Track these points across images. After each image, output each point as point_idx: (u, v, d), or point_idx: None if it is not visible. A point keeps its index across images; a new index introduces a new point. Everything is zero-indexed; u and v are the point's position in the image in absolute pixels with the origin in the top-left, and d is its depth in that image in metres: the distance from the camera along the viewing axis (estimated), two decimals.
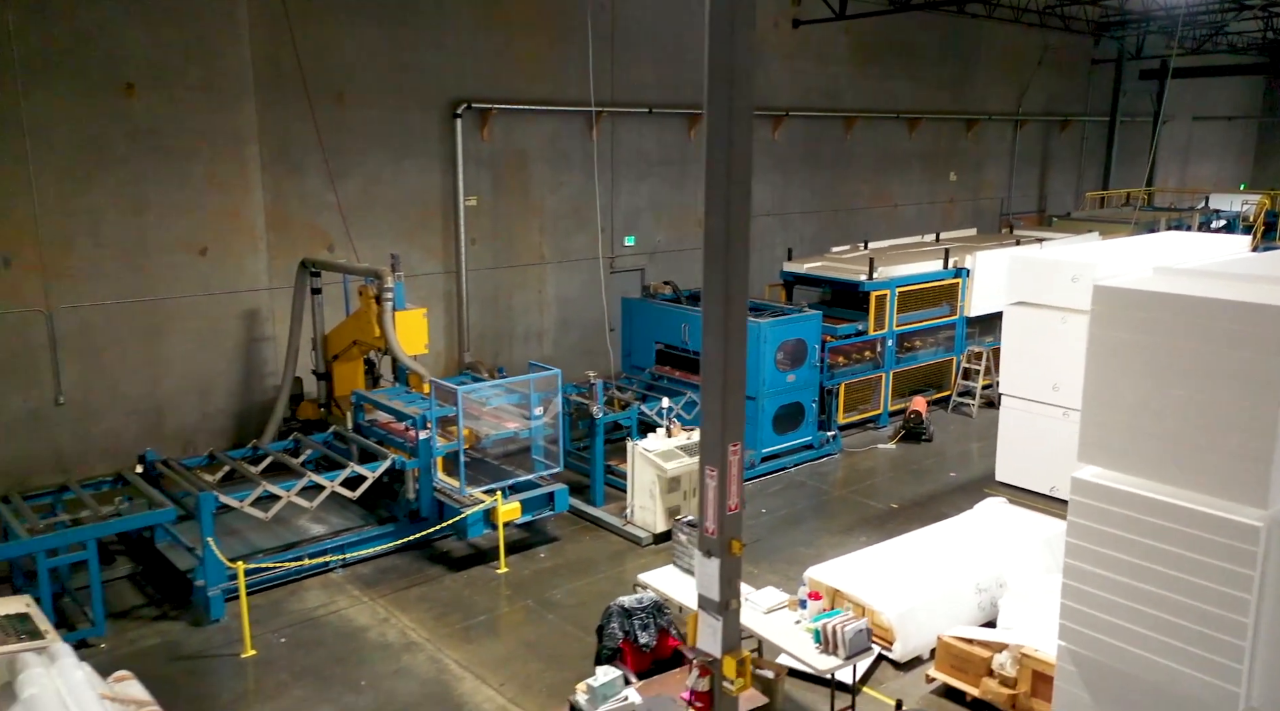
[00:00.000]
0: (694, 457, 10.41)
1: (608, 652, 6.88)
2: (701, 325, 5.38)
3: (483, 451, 10.56)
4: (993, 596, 8.36)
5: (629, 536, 10.45)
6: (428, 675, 7.81)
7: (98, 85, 11.60)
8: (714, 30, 5.05)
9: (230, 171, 12.86)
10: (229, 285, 13.05)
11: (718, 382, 5.18)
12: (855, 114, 21.09)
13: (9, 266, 11.28)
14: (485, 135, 15.20)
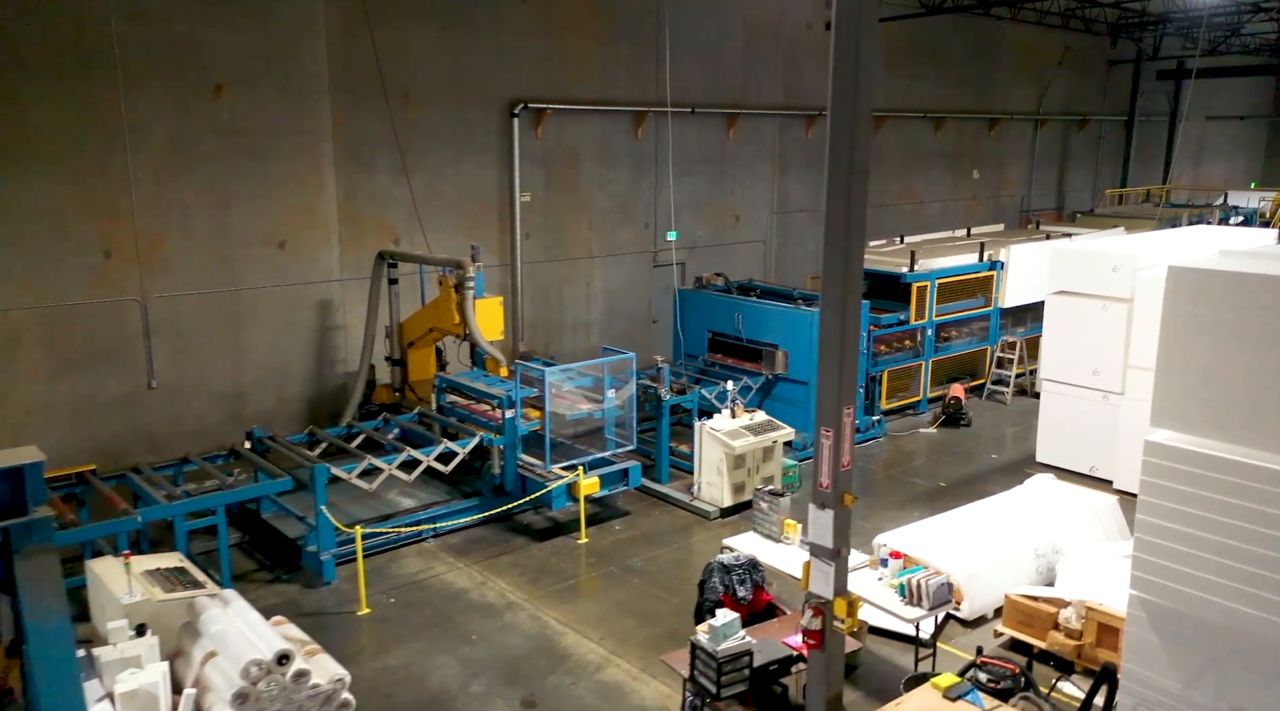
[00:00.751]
0: (758, 436, 11.09)
1: (709, 605, 7.54)
2: (820, 301, 6.03)
3: (555, 431, 11.23)
4: (1049, 562, 9.02)
5: (697, 510, 11.13)
6: (531, 630, 8.49)
7: (189, 87, 12.28)
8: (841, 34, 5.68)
9: (306, 168, 13.54)
10: (304, 276, 13.74)
11: (835, 353, 5.85)
12: (884, 114, 21.74)
13: (109, 258, 11.98)
14: (539, 134, 15.87)
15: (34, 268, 11.48)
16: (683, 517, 11.10)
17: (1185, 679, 6.33)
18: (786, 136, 20.16)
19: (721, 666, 6.24)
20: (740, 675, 6.35)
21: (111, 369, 12.18)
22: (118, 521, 8.10)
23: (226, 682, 5.97)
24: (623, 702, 7.41)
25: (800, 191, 20.73)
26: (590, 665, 7.94)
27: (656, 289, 18.67)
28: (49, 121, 11.31)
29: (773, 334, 13.14)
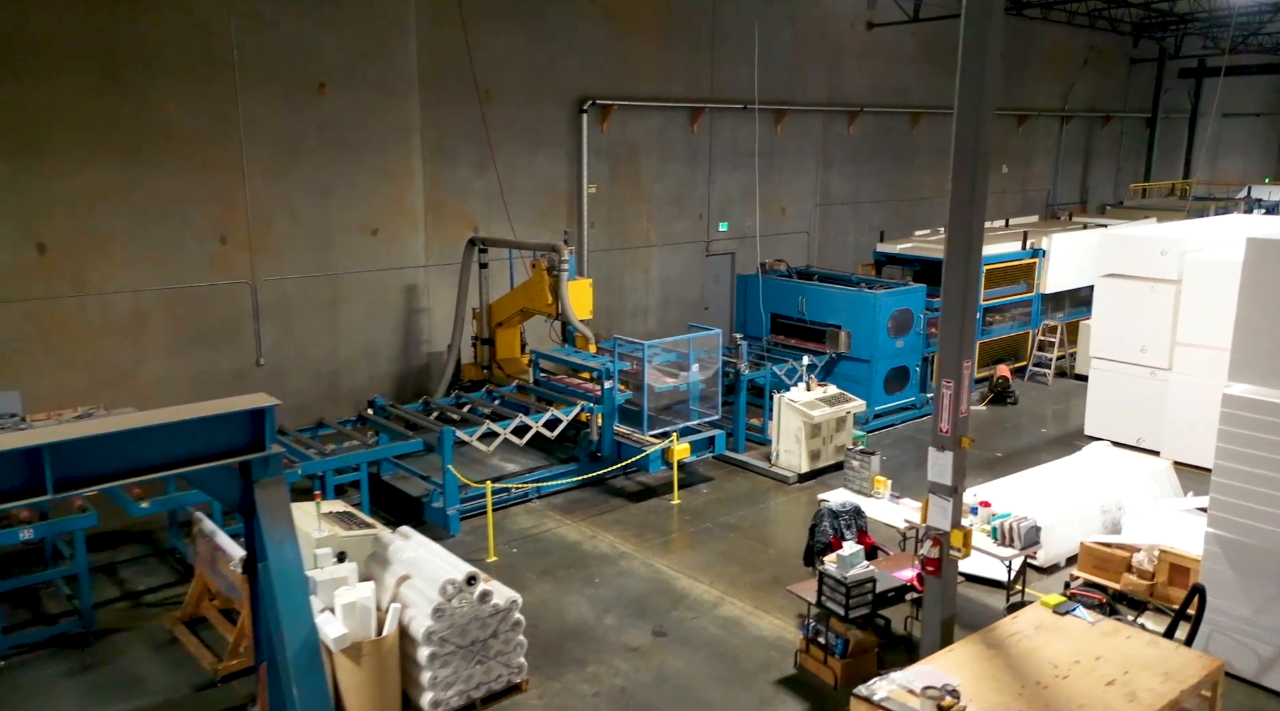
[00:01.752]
0: (833, 407, 11.97)
1: (819, 546, 8.43)
2: (944, 268, 6.90)
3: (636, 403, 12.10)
4: (1114, 517, 9.88)
5: (776, 476, 12.01)
6: (647, 575, 9.38)
7: (295, 86, 13.18)
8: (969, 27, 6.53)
9: (397, 161, 14.43)
10: (394, 262, 14.64)
11: (957, 313, 6.73)
12: (920, 110, 22.61)
13: (225, 244, 12.88)
14: (605, 129, 16.76)
15: (161, 252, 12.39)
16: (762, 483, 11.98)
17: (1256, 606, 7.21)
18: (830, 132, 21.03)
19: (850, 590, 7.12)
20: (864, 599, 7.23)
21: (225, 346, 13.08)
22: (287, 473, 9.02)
23: (424, 599, 6.86)
24: (743, 633, 8.30)
25: (841, 185, 21.60)
26: (707, 603, 8.83)
27: (708, 277, 19.55)
28: (177, 118, 12.22)
29: (836, 315, 14.01)
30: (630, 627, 8.35)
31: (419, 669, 6.87)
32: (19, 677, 7.47)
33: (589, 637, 8.18)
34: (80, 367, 11.85)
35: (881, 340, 13.70)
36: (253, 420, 6.43)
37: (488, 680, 7.17)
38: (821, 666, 7.51)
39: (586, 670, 7.70)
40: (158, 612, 8.49)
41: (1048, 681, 5.72)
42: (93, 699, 7.24)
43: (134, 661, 7.74)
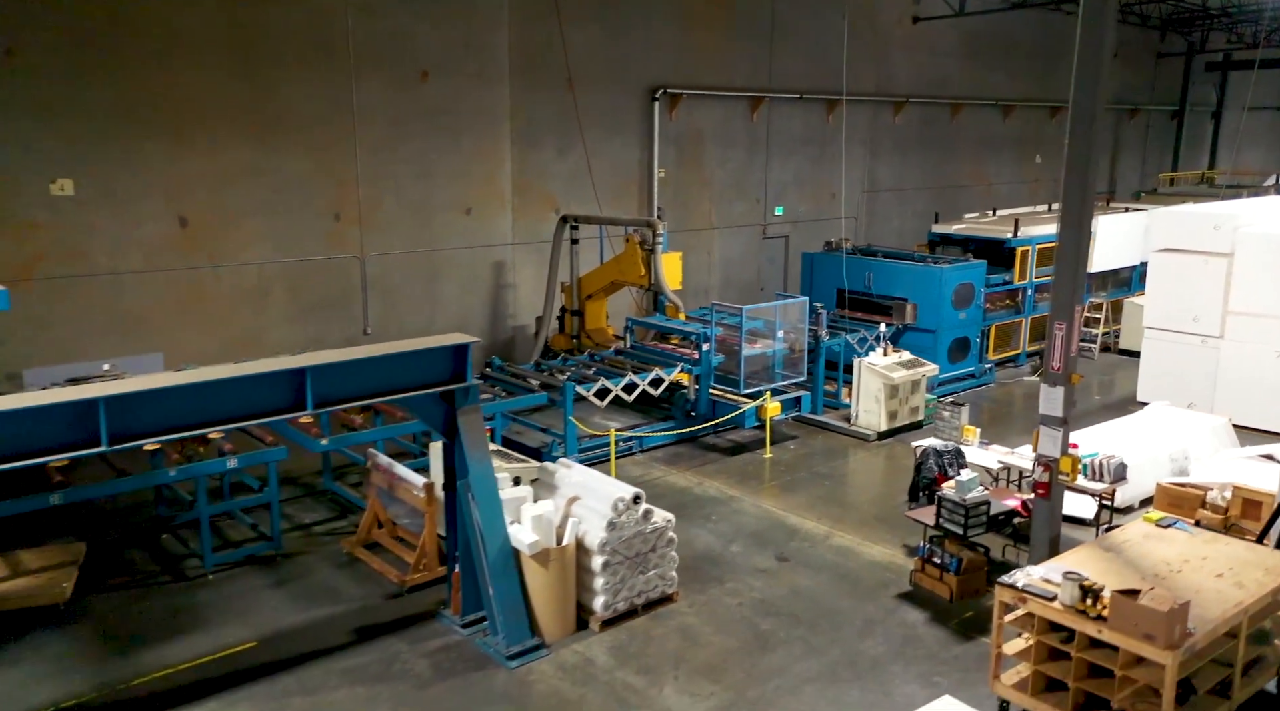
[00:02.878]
0: (910, 370, 12.90)
1: (924, 482, 9.35)
2: (1060, 221, 7.84)
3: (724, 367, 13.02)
4: (1181, 465, 10.77)
5: (855, 434, 12.93)
6: (758, 514, 10.31)
7: (402, 74, 14.13)
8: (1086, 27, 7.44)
9: (488, 145, 15.38)
10: (484, 240, 15.59)
11: (1070, 262, 7.65)
12: (961, 101, 23.51)
13: (339, 220, 13.84)
14: (673, 116, 17.69)
15: (283, 227, 13.35)
16: (843, 440, 12.90)
17: None
18: (877, 122, 21.94)
19: (969, 511, 8.04)
20: (980, 520, 8.15)
21: (336, 316, 14.04)
22: (394, 426, 10.01)
23: (596, 515, 7.80)
24: (857, 558, 9.22)
25: (887, 172, 22.51)
26: (818, 535, 9.76)
27: (763, 259, 20.49)
28: (298, 103, 13.17)
29: (903, 289, 14.92)
30: (754, 554, 9.28)
31: (592, 576, 7.80)
32: (227, 589, 8.43)
33: (720, 562, 9.11)
34: (213, 332, 12.81)
35: (946, 312, 14.61)
36: (455, 355, 7.41)
37: (647, 589, 8.10)
38: (937, 582, 8.43)
39: (725, 586, 8.63)
40: (330, 540, 9.45)
41: (1164, 574, 6.62)
42: (299, 604, 8.19)
43: (323, 577, 8.69)
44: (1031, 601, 6.33)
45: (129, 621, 7.89)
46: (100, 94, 11.57)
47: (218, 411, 6.33)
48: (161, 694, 6.86)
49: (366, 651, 7.50)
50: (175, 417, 6.15)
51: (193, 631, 7.72)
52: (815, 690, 7.04)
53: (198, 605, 8.16)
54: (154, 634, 7.68)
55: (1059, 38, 26.09)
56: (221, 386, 6.29)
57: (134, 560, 8.99)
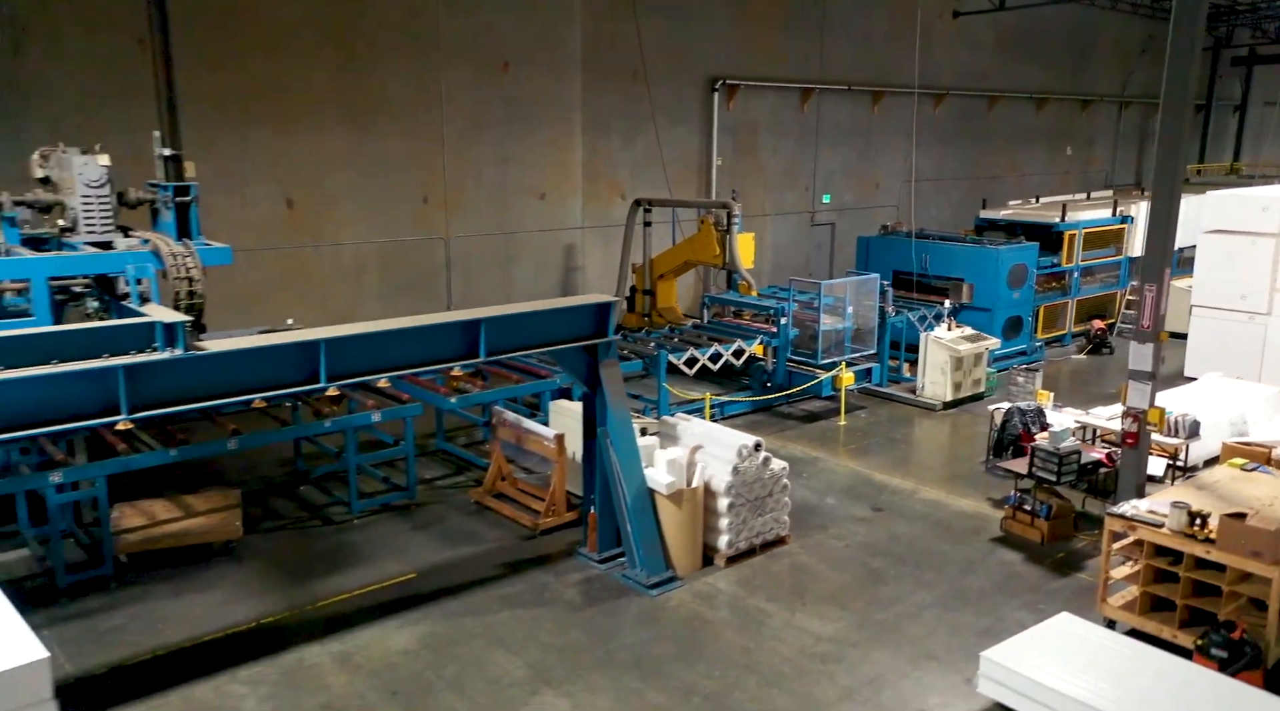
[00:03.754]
0: (974, 344, 13.58)
1: (1009, 438, 10.04)
2: (1152, 192, 8.53)
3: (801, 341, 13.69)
4: (1240, 429, 11.41)
5: (922, 404, 13.61)
6: (845, 472, 11.00)
7: (485, 64, 14.85)
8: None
9: (561, 133, 16.09)
10: (556, 223, 16.31)
11: (1162, 230, 8.34)
12: (997, 94, 24.18)
13: (426, 203, 14.56)
14: (730, 107, 18.39)
15: (377, 209, 14.07)
16: (910, 410, 13.58)
17: None
18: (919, 114, 22.61)
19: (1063, 460, 8.73)
20: (1072, 468, 8.84)
21: (423, 293, 14.77)
22: (543, 381, 10.72)
23: (720, 461, 8.50)
24: (946, 509, 9.92)
25: (927, 163, 23.17)
26: (906, 491, 10.46)
27: (810, 245, 21.18)
28: (392, 92, 13.90)
29: (959, 269, 15.60)
30: (850, 506, 9.98)
31: (717, 517, 8.50)
32: (374, 531, 9.14)
33: (820, 512, 9.81)
34: (315, 308, 13.51)
35: (1001, 291, 15.30)
36: (598, 312, 8.13)
37: (763, 531, 8.81)
38: (1028, 528, 9.12)
39: (829, 532, 9.33)
40: (452, 493, 10.16)
41: (1257, 507, 7.28)
42: (443, 544, 8.90)
43: (457, 523, 9.40)
44: (1141, 528, 7.02)
45: (295, 556, 8.62)
46: (218, 82, 12.29)
47: (410, 357, 7.06)
48: (347, 613, 7.58)
49: (516, 582, 8.21)
50: (376, 361, 6.88)
51: (356, 565, 8.44)
52: (933, 615, 7.74)
53: (352, 544, 8.88)
54: (321, 567, 8.40)
55: (1090, 33, 26.77)
56: (416, 334, 7.01)
57: (278, 508, 9.72)
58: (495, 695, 6.58)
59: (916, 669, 6.95)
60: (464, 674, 6.83)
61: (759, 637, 7.35)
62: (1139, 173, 30.68)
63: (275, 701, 6.41)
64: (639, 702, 6.51)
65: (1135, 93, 29.07)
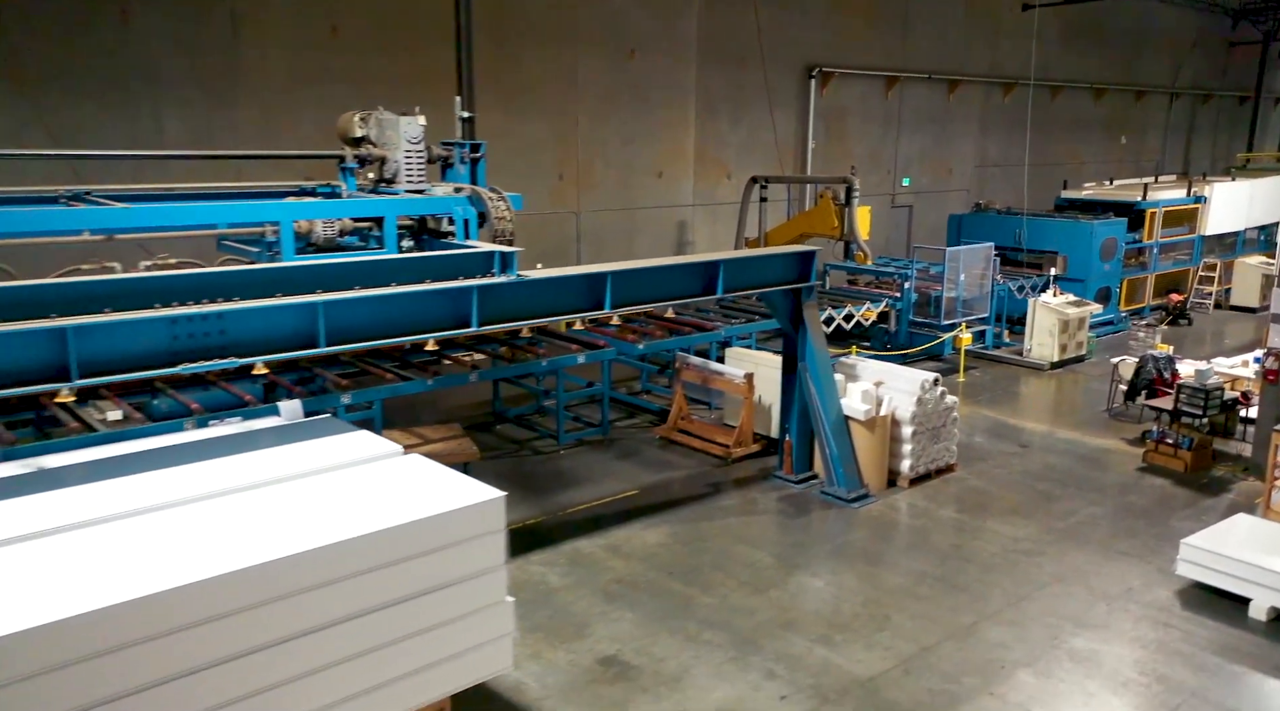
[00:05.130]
0: (1079, 309, 14.63)
1: (1144, 382, 11.07)
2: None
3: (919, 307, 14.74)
4: None
5: (1030, 365, 14.65)
6: (980, 417, 12.05)
7: (614, 50, 15.92)
8: None
9: (677, 115, 17.16)
10: (671, 200, 17.38)
11: None
12: (1060, 84, 25.19)
13: (561, 180, 15.65)
14: (824, 93, 19.44)
15: (522, 185, 15.02)
16: (1018, 370, 14.62)
17: None
18: (989, 102, 23.64)
19: (1208, 395, 9.76)
20: (1216, 403, 9.87)
21: (556, 263, 15.67)
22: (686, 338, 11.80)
23: (903, 394, 9.56)
24: (1085, 446, 10.96)
25: (996, 149, 24.19)
26: (1042, 432, 11.51)
27: (891, 226, 22.21)
28: (536, 75, 14.98)
29: (1054, 242, 16.64)
30: (997, 443, 11.03)
31: (900, 443, 9.57)
32: (581, 459, 10.24)
33: (973, 448, 10.85)
34: None
35: (1094, 263, 16.33)
36: (802, 260, 9.21)
37: (937, 458, 9.87)
38: (1170, 459, 10.15)
39: (988, 462, 10.38)
40: (634, 431, 11.25)
41: None
42: (649, 469, 9.99)
43: (652, 454, 10.48)
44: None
45: (525, 477, 9.71)
46: (399, 66, 13.38)
47: (665, 291, 8.16)
48: (595, 517, 8.67)
49: (728, 497, 9.29)
50: (640, 293, 7.96)
51: (581, 484, 9.54)
52: (1107, 524, 8.78)
53: (570, 469, 9.98)
54: (552, 485, 9.49)
55: (1146, 26, 27.75)
56: (675, 270, 8.14)
57: (486, 441, 10.81)
58: (755, 574, 7.65)
59: (1109, 562, 7.99)
60: (719, 560, 7.90)
61: (962, 538, 8.41)
62: (1186, 162, 31.62)
63: (574, 576, 7.49)
64: (879, 582, 7.58)
65: (1185, 84, 30.03)
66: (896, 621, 6.93)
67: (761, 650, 6.51)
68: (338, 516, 5.15)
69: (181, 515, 5.19)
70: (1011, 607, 7.15)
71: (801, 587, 7.47)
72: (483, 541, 5.52)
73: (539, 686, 6.07)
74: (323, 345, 6.14)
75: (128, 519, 5.13)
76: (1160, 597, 7.34)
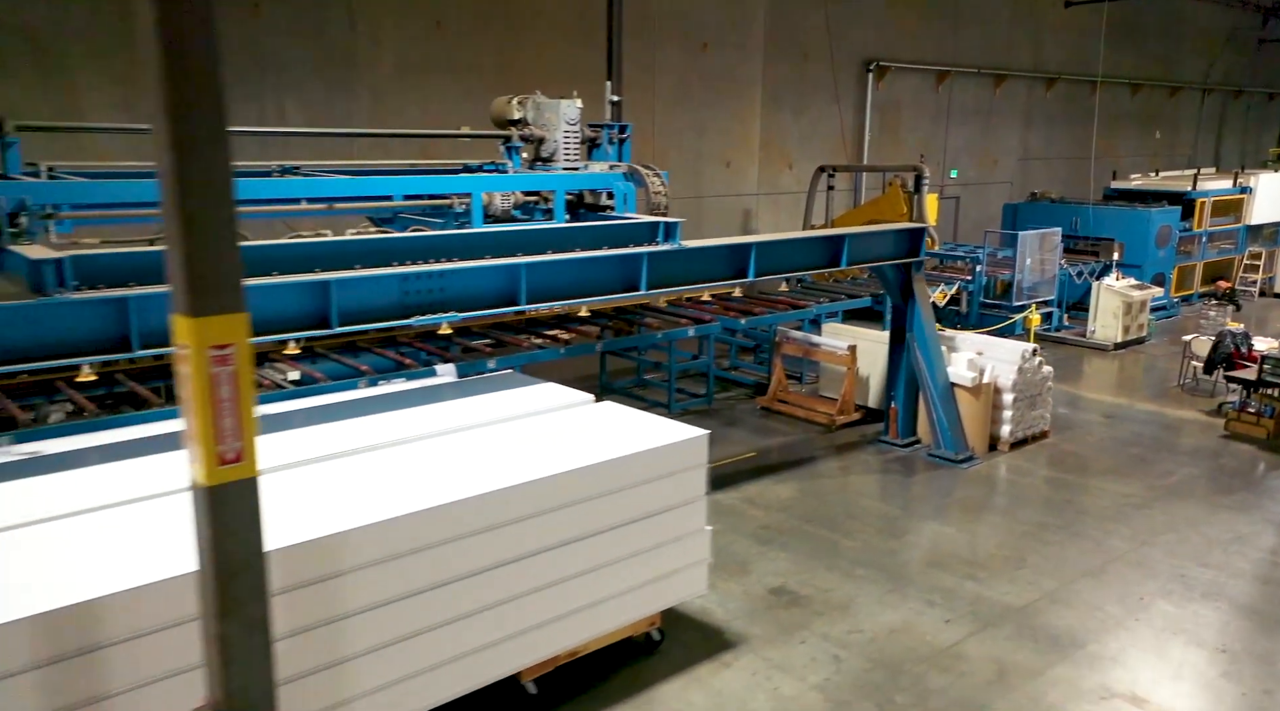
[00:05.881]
0: (1142, 292, 15.18)
1: (1221, 357, 11.63)
2: None
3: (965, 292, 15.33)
4: None
5: (1094, 345, 15.22)
6: (1059, 391, 12.49)
7: (689, 44, 16.53)
8: None
9: (744, 107, 17.77)
10: (737, 189, 17.97)
11: None
12: (1098, 79, 25.73)
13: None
14: (880, 87, 20.03)
15: None
16: (1083, 351, 15.18)
17: None
18: (1032, 96, 24.21)
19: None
20: None
21: None
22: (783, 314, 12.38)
23: (1003, 364, 10.14)
24: (1166, 417, 11.53)
25: (1037, 142, 24.76)
26: (1122, 404, 12.08)
27: (940, 216, 22.78)
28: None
29: (1111, 230, 17.18)
30: (1081, 413, 11.61)
31: (1001, 410, 10.15)
32: None
33: (1059, 418, 11.40)
34: None
35: (1150, 249, 16.89)
36: (912, 236, 9.79)
37: (1033, 425, 10.45)
38: (1252, 426, 10.72)
39: (1075, 431, 10.96)
40: (733, 402, 11.84)
41: None
42: (759, 435, 10.58)
43: (757, 422, 11.07)
44: None
45: None
46: (493, 58, 14.01)
47: (795, 262, 8.74)
48: (724, 475, 9.23)
49: (841, 459, 9.87)
50: (777, 263, 8.55)
51: None
52: (1205, 483, 9.35)
53: None
54: None
55: (1176, 21, 28.28)
56: (809, 242, 8.71)
57: None
58: (888, 523, 8.24)
59: (1215, 514, 8.57)
60: (850, 511, 8.50)
61: (1072, 494, 8.99)
62: (1217, 156, 32.16)
63: (723, 523, 8.06)
64: (1005, 530, 8.16)
65: (1217, 81, 30.55)
66: (1032, 562, 7.51)
67: (914, 584, 7.10)
68: (562, 451, 5.74)
69: (423, 448, 5.79)
70: (1134, 551, 7.73)
71: (935, 534, 8.06)
72: (688, 474, 6.12)
73: (723, 611, 6.66)
74: (523, 303, 6.74)
75: (380, 450, 5.73)
76: (1272, 542, 7.91)
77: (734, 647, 6.21)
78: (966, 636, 6.36)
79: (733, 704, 5.61)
